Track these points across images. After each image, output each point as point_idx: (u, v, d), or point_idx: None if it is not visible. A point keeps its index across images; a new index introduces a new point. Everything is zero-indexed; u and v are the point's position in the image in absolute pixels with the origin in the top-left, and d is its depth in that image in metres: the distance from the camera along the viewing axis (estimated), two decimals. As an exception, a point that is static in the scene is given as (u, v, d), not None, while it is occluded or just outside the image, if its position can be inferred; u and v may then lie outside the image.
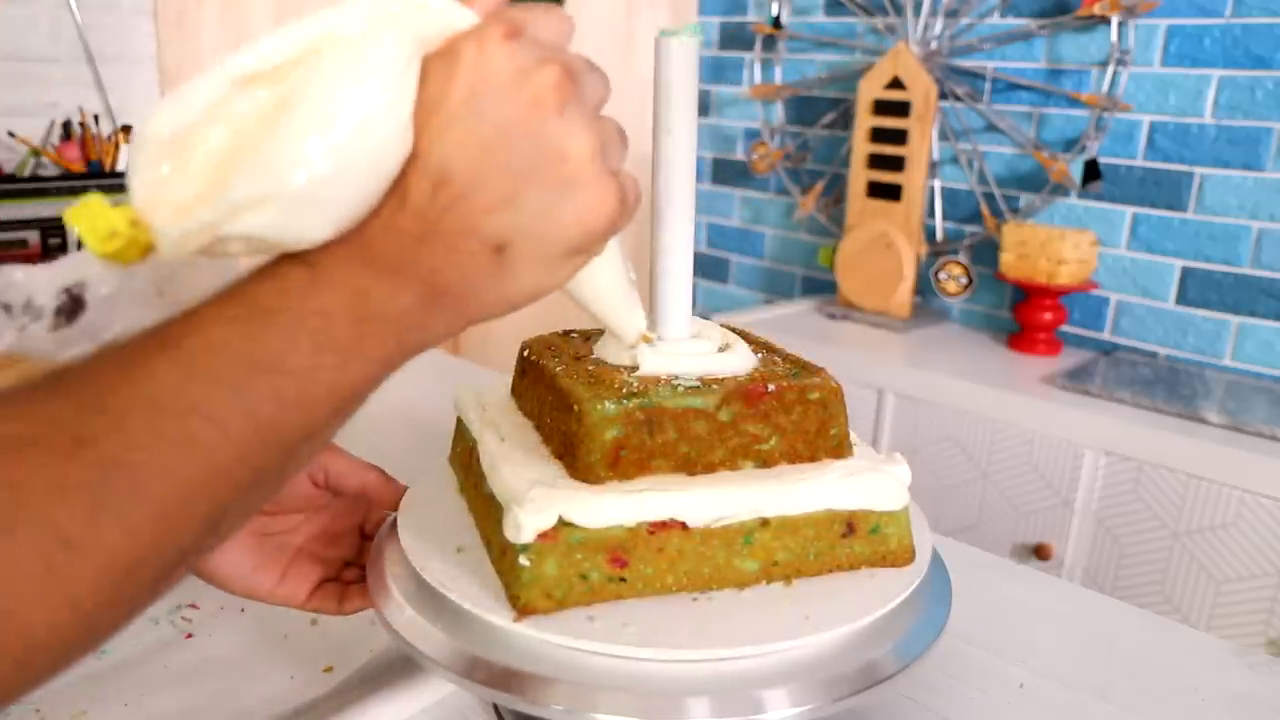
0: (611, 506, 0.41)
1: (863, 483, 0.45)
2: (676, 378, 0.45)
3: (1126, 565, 1.34)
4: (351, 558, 0.52)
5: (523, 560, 0.40)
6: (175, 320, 0.31)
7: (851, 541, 0.46)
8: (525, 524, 0.40)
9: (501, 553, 0.43)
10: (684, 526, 0.42)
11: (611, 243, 0.40)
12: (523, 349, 0.52)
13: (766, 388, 0.45)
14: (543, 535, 0.40)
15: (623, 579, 0.42)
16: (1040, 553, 1.40)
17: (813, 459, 0.47)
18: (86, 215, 0.30)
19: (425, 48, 0.32)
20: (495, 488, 0.44)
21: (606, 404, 0.42)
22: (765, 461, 0.46)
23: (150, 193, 0.31)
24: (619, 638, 0.40)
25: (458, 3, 0.33)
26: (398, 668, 0.52)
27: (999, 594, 0.64)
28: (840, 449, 0.47)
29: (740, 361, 0.47)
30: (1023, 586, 0.66)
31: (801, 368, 0.48)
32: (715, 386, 0.44)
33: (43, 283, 0.65)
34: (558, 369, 0.47)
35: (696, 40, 0.45)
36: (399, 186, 0.31)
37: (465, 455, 0.52)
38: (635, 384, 0.44)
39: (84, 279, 0.65)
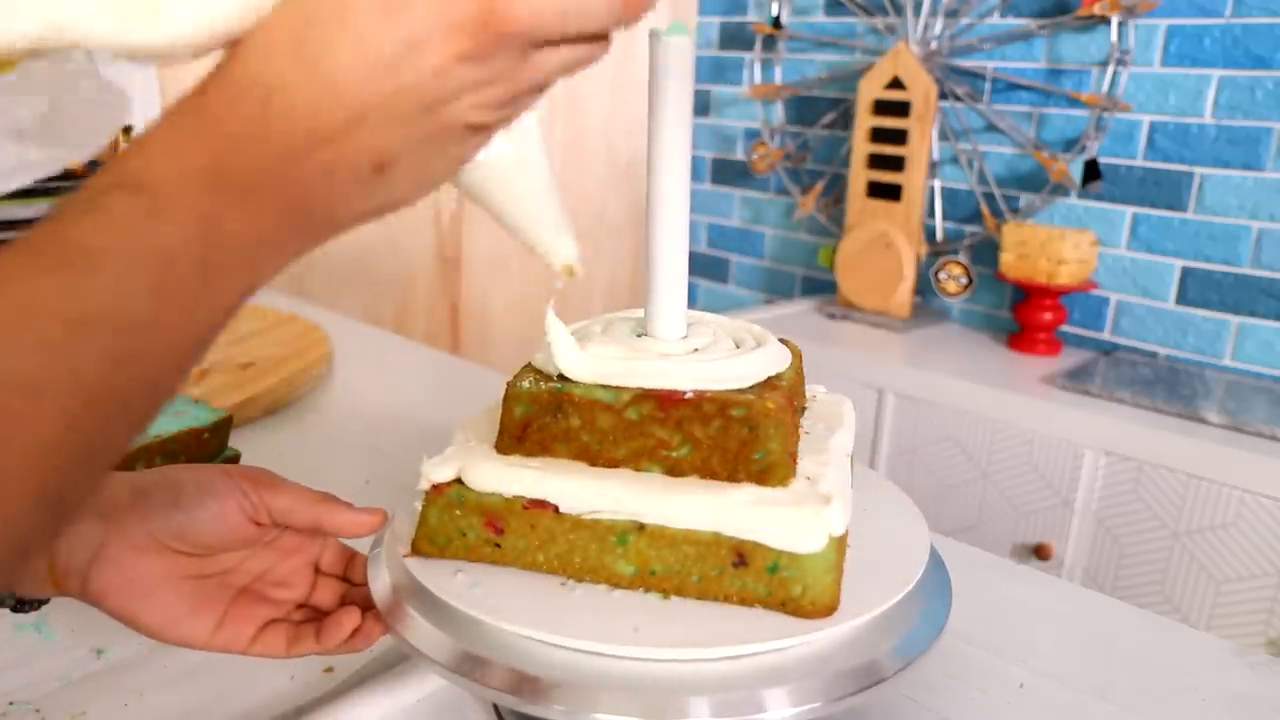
0: (496, 476, 0.44)
1: (764, 515, 0.41)
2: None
3: (1126, 565, 1.34)
4: (303, 598, 0.47)
5: (415, 505, 0.45)
6: None
7: (743, 575, 0.42)
8: (425, 473, 0.45)
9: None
10: (556, 510, 0.44)
11: (533, 146, 0.36)
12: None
13: (684, 394, 0.43)
14: (435, 487, 0.45)
15: (497, 545, 0.45)
16: (1040, 553, 1.40)
17: (730, 479, 0.43)
18: None
19: None
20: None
21: (523, 383, 0.45)
22: (673, 470, 0.44)
23: None
24: (621, 638, 0.40)
25: None
26: (397, 668, 0.52)
27: (999, 594, 0.64)
28: (766, 475, 0.43)
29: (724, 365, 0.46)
30: (1023, 586, 0.66)
31: (782, 380, 0.46)
32: (632, 384, 0.44)
33: None
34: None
35: (689, 39, 0.44)
36: (267, 78, 0.26)
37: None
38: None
39: None
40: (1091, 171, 1.58)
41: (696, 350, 0.47)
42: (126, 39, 0.25)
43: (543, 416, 0.45)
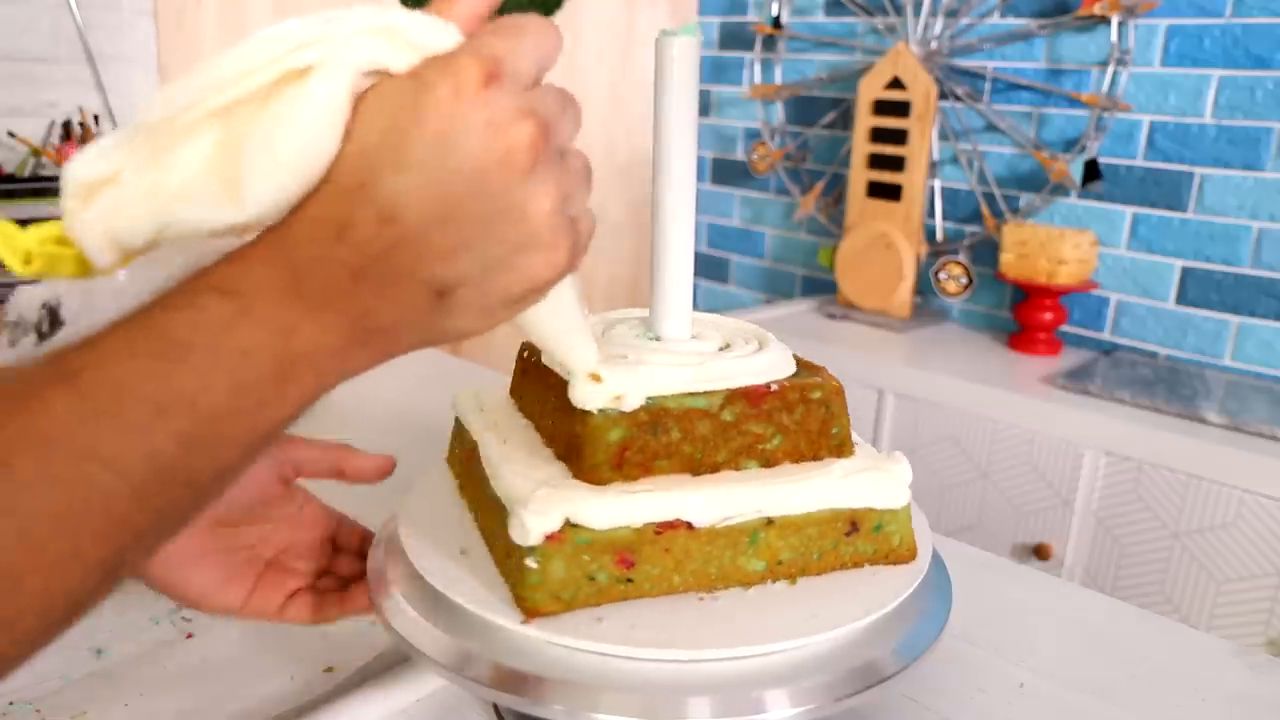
0: (618, 507, 0.41)
1: (865, 481, 0.45)
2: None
3: (1126, 565, 1.34)
4: (324, 568, 0.51)
5: (530, 563, 0.40)
6: (74, 348, 0.28)
7: (855, 540, 0.46)
8: (532, 526, 0.40)
9: (506, 555, 0.42)
10: (689, 526, 0.42)
11: (565, 280, 0.38)
12: (522, 350, 0.52)
13: (769, 387, 0.45)
14: (550, 537, 0.40)
15: (629, 580, 0.42)
16: (1040, 553, 1.40)
17: (815, 458, 0.47)
18: (3, 241, 0.30)
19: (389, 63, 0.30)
20: (499, 490, 0.44)
21: (596, 409, 0.42)
22: (768, 461, 0.46)
23: (83, 223, 0.30)
24: (619, 637, 0.40)
25: (434, 19, 0.30)
26: (398, 668, 0.52)
27: (999, 594, 0.64)
28: (842, 448, 0.47)
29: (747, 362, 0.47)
30: (1023, 586, 0.66)
31: (802, 366, 0.48)
32: (719, 387, 0.44)
33: (28, 298, 0.66)
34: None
35: (697, 39, 0.45)
36: (339, 214, 0.29)
37: (465, 457, 0.52)
38: None
39: (58, 294, 0.66)
40: (1091, 171, 1.58)
41: (728, 347, 0.48)
42: (219, 223, 0.29)
43: (642, 437, 0.43)
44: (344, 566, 0.52)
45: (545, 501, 0.41)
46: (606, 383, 0.42)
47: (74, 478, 0.27)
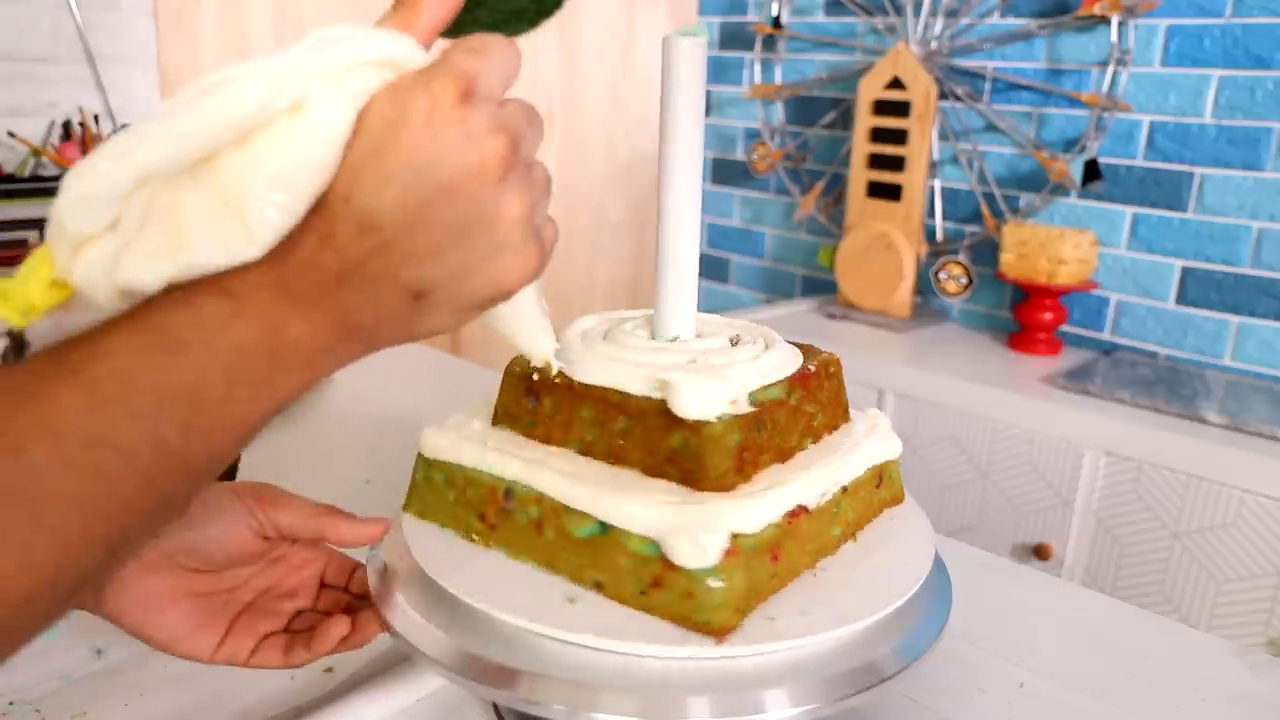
0: (764, 507, 0.42)
1: (881, 438, 0.51)
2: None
3: (1126, 565, 1.34)
4: (308, 606, 0.49)
5: (713, 583, 0.40)
6: (74, 344, 0.30)
7: (880, 491, 0.52)
8: (710, 546, 0.40)
9: (654, 583, 0.41)
10: (805, 510, 0.45)
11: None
12: (523, 373, 0.49)
13: (810, 369, 0.49)
14: (727, 553, 0.40)
15: (775, 574, 0.43)
16: (1040, 553, 1.40)
17: (835, 427, 0.52)
18: (2, 300, 0.31)
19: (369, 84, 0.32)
20: (619, 521, 0.42)
21: (711, 415, 0.43)
22: (815, 437, 0.50)
23: (84, 271, 0.31)
24: (619, 634, 0.40)
25: (402, 37, 0.32)
26: (398, 668, 0.52)
27: (999, 594, 0.64)
28: (846, 414, 0.53)
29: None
30: (1023, 586, 0.66)
31: (798, 347, 0.52)
32: (779, 377, 0.48)
33: None
34: (608, 384, 0.46)
35: (704, 40, 0.45)
36: (324, 224, 0.31)
37: (479, 500, 0.48)
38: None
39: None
40: (1091, 171, 1.58)
41: (739, 342, 0.50)
42: (232, 259, 0.31)
43: (752, 435, 0.44)
44: (325, 601, 0.50)
45: (709, 518, 0.40)
46: (716, 388, 0.43)
47: (85, 463, 0.28)
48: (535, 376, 0.48)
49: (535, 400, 0.49)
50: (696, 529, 0.40)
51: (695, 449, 0.42)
